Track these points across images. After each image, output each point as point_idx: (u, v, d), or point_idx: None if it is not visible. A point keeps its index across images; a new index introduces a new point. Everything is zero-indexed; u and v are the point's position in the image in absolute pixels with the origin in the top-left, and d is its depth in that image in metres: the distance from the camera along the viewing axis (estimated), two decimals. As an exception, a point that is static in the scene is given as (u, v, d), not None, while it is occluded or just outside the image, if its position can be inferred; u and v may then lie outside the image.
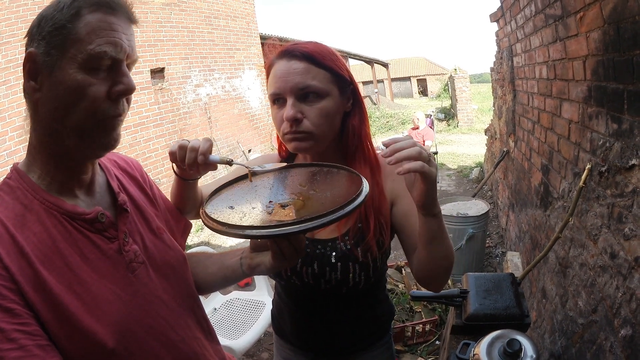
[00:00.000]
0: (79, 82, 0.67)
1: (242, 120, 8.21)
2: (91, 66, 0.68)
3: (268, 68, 1.02)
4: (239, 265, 0.91)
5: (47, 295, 0.64)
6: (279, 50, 1.00)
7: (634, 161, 1.26)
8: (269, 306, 2.63)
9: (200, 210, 0.78)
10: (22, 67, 0.69)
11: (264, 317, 2.56)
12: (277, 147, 1.21)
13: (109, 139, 0.74)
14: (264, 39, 9.13)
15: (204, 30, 7.24)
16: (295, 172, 0.95)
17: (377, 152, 1.09)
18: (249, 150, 8.17)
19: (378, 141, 4.94)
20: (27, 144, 0.76)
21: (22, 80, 0.71)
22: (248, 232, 0.69)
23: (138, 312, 0.75)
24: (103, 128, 0.72)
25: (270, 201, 0.83)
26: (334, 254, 1.01)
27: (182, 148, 0.88)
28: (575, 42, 1.76)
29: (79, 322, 0.65)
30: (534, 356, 1.16)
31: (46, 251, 0.67)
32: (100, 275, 0.72)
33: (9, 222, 0.66)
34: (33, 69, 0.68)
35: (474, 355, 1.24)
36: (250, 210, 0.82)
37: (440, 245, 0.89)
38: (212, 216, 0.76)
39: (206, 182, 1.20)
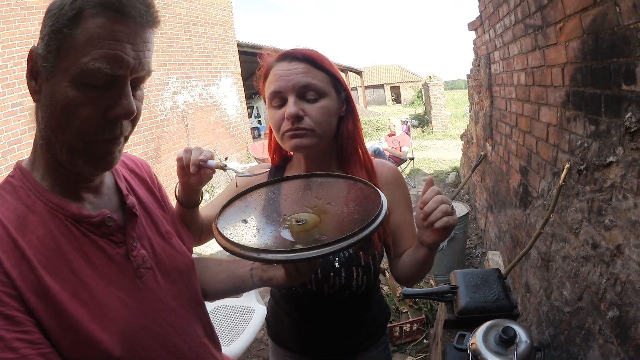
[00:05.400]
0: (69, 100, 0.61)
1: (218, 127, 8.17)
2: (84, 82, 0.61)
3: (266, 71, 1.05)
4: (249, 276, 0.89)
5: (50, 302, 0.61)
6: (278, 54, 1.03)
7: (611, 158, 1.35)
8: (257, 312, 2.59)
9: (213, 225, 0.74)
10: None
11: (254, 324, 2.51)
12: (255, 154, 1.22)
13: (101, 162, 0.69)
14: (241, 46, 9.13)
15: (182, 37, 7.19)
16: (310, 183, 0.91)
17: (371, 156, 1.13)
18: (226, 158, 8.12)
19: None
20: (33, 140, 0.71)
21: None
22: (263, 255, 0.64)
23: (145, 319, 0.72)
24: (95, 150, 0.67)
25: (284, 214, 0.81)
26: (337, 259, 1.03)
27: (188, 151, 0.94)
28: (554, 50, 1.87)
29: (83, 330, 0.62)
30: (528, 341, 1.22)
31: (49, 255, 0.63)
32: (107, 281, 0.69)
33: (10, 224, 0.62)
34: (34, 69, 0.64)
35: (471, 344, 1.28)
36: (264, 225, 0.79)
37: (430, 265, 0.97)
38: (225, 233, 0.71)
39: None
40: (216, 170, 0.95)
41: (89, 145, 0.65)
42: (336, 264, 1.02)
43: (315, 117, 0.99)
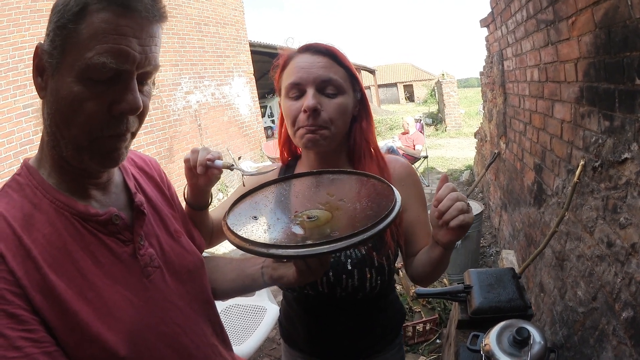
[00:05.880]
0: (74, 95, 0.61)
1: (231, 127, 8.22)
2: (89, 77, 0.61)
3: (284, 61, 1.03)
4: (260, 274, 0.88)
5: (56, 301, 0.60)
6: (301, 46, 1.02)
7: (626, 155, 1.33)
8: (269, 311, 2.59)
9: (222, 221, 0.74)
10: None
11: (266, 323, 2.51)
12: (268, 153, 1.20)
13: (108, 159, 0.68)
14: (253, 46, 9.17)
15: (194, 37, 7.25)
16: (321, 179, 0.89)
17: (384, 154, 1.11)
18: (239, 158, 8.18)
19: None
20: (40, 138, 0.71)
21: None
22: (273, 251, 0.63)
23: (152, 318, 0.71)
24: (100, 146, 0.66)
25: (296, 211, 0.79)
26: (349, 260, 1.00)
27: (195, 152, 0.94)
28: (567, 45, 1.84)
29: (89, 329, 0.62)
30: (542, 342, 1.20)
31: (55, 254, 0.63)
32: (113, 280, 0.68)
33: (16, 222, 0.62)
34: (40, 65, 0.64)
35: (485, 345, 1.27)
36: (275, 221, 0.78)
37: (445, 264, 0.95)
38: (234, 229, 0.70)
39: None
40: (224, 170, 0.94)
41: (94, 142, 0.65)
42: (348, 265, 0.99)
43: (331, 113, 0.97)
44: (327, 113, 0.97)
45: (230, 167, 0.95)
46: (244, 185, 1.09)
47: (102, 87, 0.62)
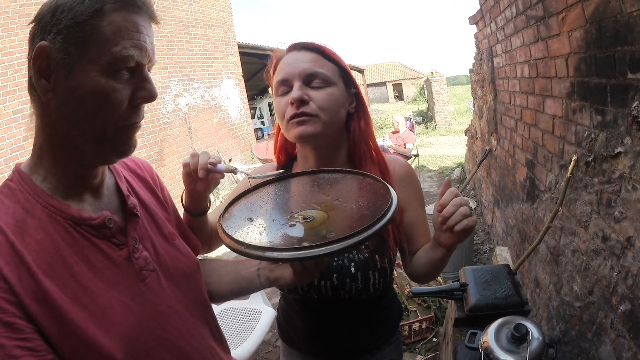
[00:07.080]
0: (102, 87, 0.63)
1: (221, 129, 8.19)
2: (114, 69, 0.64)
3: (275, 63, 1.04)
4: (256, 276, 0.88)
5: (51, 307, 0.60)
6: (289, 46, 1.03)
7: (619, 149, 1.33)
8: (265, 314, 2.58)
9: (217, 224, 0.74)
10: (31, 61, 0.63)
11: (261, 326, 2.49)
12: (258, 155, 1.19)
13: (126, 147, 0.71)
14: (241, 47, 9.14)
15: (183, 40, 7.22)
16: (317, 179, 0.88)
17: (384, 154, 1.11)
18: (230, 160, 8.15)
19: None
20: (32, 143, 0.71)
21: (29, 76, 0.66)
22: (269, 254, 0.63)
23: (149, 322, 0.71)
24: (122, 135, 0.69)
25: (291, 212, 0.79)
26: (352, 263, 1.00)
27: (195, 156, 0.91)
28: (557, 41, 1.85)
29: (85, 335, 0.62)
30: (540, 338, 1.20)
31: (49, 260, 0.63)
32: (108, 284, 0.68)
33: (8, 228, 0.62)
34: (46, 66, 0.63)
35: (483, 342, 1.27)
36: (270, 223, 0.77)
37: (445, 263, 0.97)
38: (229, 231, 0.70)
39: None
40: (225, 175, 0.92)
41: (118, 130, 0.67)
42: (352, 269, 0.99)
43: (320, 103, 0.96)
44: (315, 103, 0.96)
45: (233, 171, 0.93)
46: (250, 186, 1.07)
47: (124, 78, 0.66)
